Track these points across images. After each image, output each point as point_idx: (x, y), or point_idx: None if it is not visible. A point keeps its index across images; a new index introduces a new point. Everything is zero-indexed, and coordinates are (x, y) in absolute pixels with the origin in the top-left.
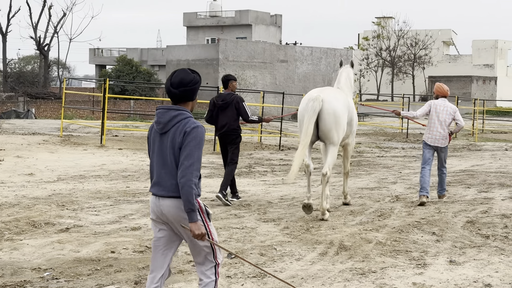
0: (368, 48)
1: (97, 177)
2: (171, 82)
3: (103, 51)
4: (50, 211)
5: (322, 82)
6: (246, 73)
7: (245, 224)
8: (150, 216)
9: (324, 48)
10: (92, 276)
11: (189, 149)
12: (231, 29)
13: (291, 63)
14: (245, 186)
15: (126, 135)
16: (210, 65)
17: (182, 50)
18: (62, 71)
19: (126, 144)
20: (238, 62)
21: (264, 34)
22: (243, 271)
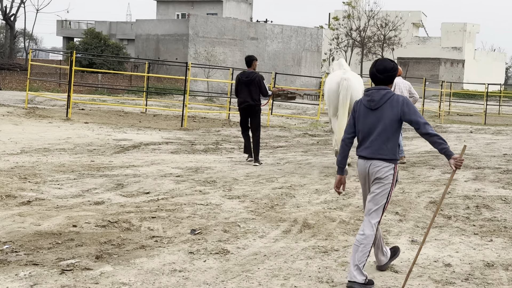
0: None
1: (62, 150)
2: (376, 69)
3: (71, 23)
4: (11, 184)
5: (292, 60)
6: (216, 50)
7: (210, 200)
8: (357, 180)
9: (294, 26)
10: (52, 249)
11: (413, 111)
12: (201, 4)
13: (261, 40)
14: (211, 162)
15: (92, 108)
16: (180, 40)
17: (151, 24)
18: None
19: (92, 118)
20: (208, 38)
21: (235, 10)
22: (205, 247)
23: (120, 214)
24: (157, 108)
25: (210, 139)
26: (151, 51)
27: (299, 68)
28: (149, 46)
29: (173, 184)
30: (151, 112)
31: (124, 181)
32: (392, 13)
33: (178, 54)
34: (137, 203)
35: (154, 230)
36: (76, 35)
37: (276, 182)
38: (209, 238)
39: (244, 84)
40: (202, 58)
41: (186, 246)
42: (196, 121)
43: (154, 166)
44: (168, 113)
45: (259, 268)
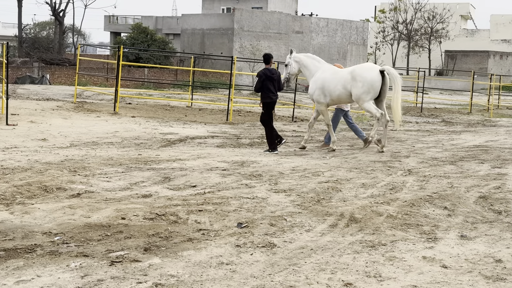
0: (384, 21)
1: (110, 144)
2: None
3: (118, 18)
4: (62, 177)
5: (337, 54)
6: (261, 44)
7: (256, 194)
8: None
9: (340, 19)
10: (102, 241)
11: None
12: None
13: (306, 34)
14: (257, 156)
15: (139, 103)
16: (225, 34)
17: (197, 19)
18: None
19: (139, 112)
20: (253, 32)
21: (280, 4)
22: (252, 240)
23: (168, 207)
24: (203, 102)
25: (256, 133)
26: (196, 46)
27: (344, 61)
28: (195, 41)
29: (220, 178)
30: (196, 106)
31: (171, 175)
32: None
33: (223, 48)
34: (184, 196)
35: (201, 223)
36: (123, 30)
37: (322, 176)
38: (255, 232)
39: (270, 80)
40: (247, 52)
41: (233, 239)
42: (242, 115)
43: (200, 160)
44: (213, 107)
45: (306, 262)
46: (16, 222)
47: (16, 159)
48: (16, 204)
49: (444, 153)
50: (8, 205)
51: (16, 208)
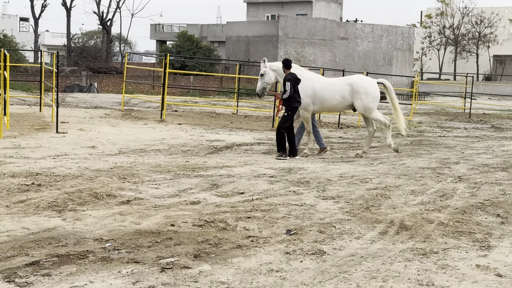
0: (431, 26)
1: (157, 151)
2: None
3: (163, 26)
4: (111, 183)
5: (383, 60)
6: (305, 50)
7: (304, 201)
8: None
9: (385, 25)
10: (152, 248)
11: None
12: (291, 5)
13: (352, 40)
14: (304, 163)
15: (185, 110)
16: (269, 41)
17: (242, 26)
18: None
19: (185, 119)
20: (297, 39)
21: (325, 10)
22: (302, 247)
23: (216, 214)
24: (248, 109)
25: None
26: (241, 53)
27: (390, 67)
28: (240, 48)
29: (267, 185)
30: (242, 113)
31: (219, 181)
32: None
33: (268, 55)
34: (232, 203)
35: (250, 230)
36: (168, 38)
37: (370, 183)
38: (304, 239)
39: (297, 84)
40: (292, 58)
41: (282, 246)
42: None
43: (247, 167)
44: (258, 114)
45: (356, 270)
46: (68, 228)
47: (66, 166)
48: (68, 211)
49: (495, 160)
50: (60, 212)
51: (68, 214)
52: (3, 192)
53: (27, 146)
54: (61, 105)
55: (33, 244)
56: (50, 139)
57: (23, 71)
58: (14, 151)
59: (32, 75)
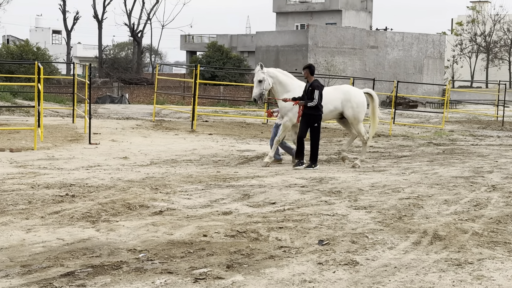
0: (462, 33)
1: (189, 161)
2: None
3: (194, 37)
4: (144, 194)
5: (413, 68)
6: (335, 59)
7: (336, 211)
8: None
9: (415, 33)
10: (185, 258)
11: None
12: (320, 14)
13: (382, 49)
14: (335, 173)
15: (215, 120)
16: (299, 51)
17: (271, 36)
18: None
19: (216, 129)
20: (327, 48)
21: (354, 19)
22: (334, 258)
23: (248, 224)
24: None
25: (332, 149)
26: (271, 62)
27: (421, 75)
28: (269, 58)
29: (299, 195)
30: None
31: (250, 192)
32: None
33: (297, 65)
34: (264, 213)
35: (282, 240)
36: (198, 49)
37: (402, 193)
38: (337, 249)
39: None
40: (321, 68)
41: (314, 257)
42: None
43: (278, 177)
44: None
45: (390, 280)
46: (102, 239)
47: (99, 177)
48: (101, 222)
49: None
50: (94, 223)
51: (101, 225)
52: (38, 203)
53: (61, 157)
54: (93, 116)
55: (68, 255)
56: (83, 150)
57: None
58: (48, 162)
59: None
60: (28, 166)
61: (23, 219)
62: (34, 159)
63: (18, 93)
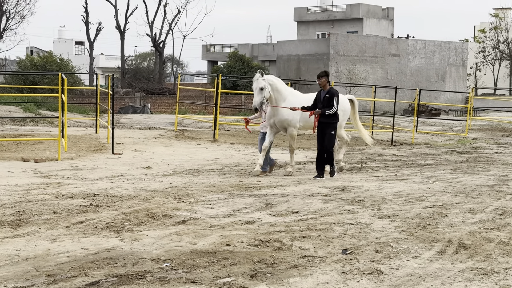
0: (484, 40)
1: (211, 171)
2: None
3: (215, 47)
4: (167, 204)
5: (436, 76)
6: (357, 68)
7: (359, 220)
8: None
9: (437, 41)
10: (209, 268)
11: None
12: (341, 23)
13: (403, 57)
14: (358, 181)
15: (237, 129)
16: (320, 60)
17: (292, 45)
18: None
19: (238, 138)
20: (348, 57)
21: (376, 27)
22: (358, 267)
23: (271, 234)
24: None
25: (355, 158)
26: (292, 71)
27: (443, 83)
28: (290, 67)
29: (321, 204)
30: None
31: (273, 201)
32: None
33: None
34: (287, 222)
35: (306, 250)
36: (220, 59)
37: (426, 201)
38: (361, 258)
39: None
40: (343, 76)
41: (338, 266)
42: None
43: (301, 186)
44: (311, 132)
45: None
46: (126, 248)
47: (123, 187)
48: (125, 231)
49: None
50: (118, 232)
51: (125, 235)
52: (62, 213)
53: (84, 168)
54: (116, 126)
55: (93, 265)
56: (106, 160)
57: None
58: (72, 173)
59: (87, 97)
60: (52, 176)
61: (48, 229)
62: (58, 169)
63: (42, 104)
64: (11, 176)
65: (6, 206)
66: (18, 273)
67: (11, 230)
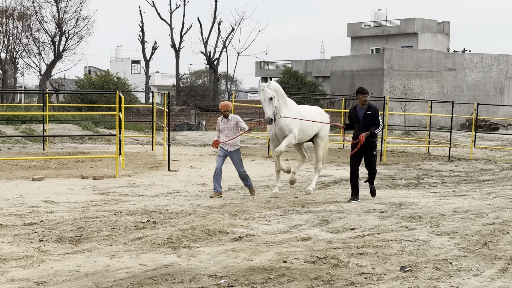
0: None
1: (266, 187)
2: None
3: (268, 63)
4: (223, 220)
5: (494, 90)
6: (412, 83)
7: (417, 236)
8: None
9: (495, 54)
10: (265, 285)
11: None
12: (396, 38)
13: (460, 71)
14: (415, 197)
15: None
16: (374, 75)
17: (346, 61)
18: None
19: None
20: (403, 72)
21: (431, 42)
22: (417, 285)
23: (328, 250)
24: None
25: (411, 174)
26: (346, 87)
27: (501, 97)
28: (344, 82)
29: (378, 220)
30: (348, 147)
31: (329, 217)
32: None
33: (373, 89)
34: (343, 239)
35: (363, 267)
36: (273, 75)
37: (486, 218)
38: (420, 276)
39: None
40: (398, 91)
41: (396, 284)
42: (395, 156)
43: (356, 202)
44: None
45: None
46: (183, 265)
47: (179, 203)
48: (182, 247)
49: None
50: (175, 248)
51: (182, 251)
52: (120, 230)
53: (141, 184)
54: (171, 143)
55: (151, 281)
56: (163, 177)
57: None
58: (129, 189)
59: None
60: (111, 193)
61: (107, 245)
62: (116, 186)
63: (99, 122)
64: (70, 193)
65: (67, 222)
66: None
67: (72, 246)
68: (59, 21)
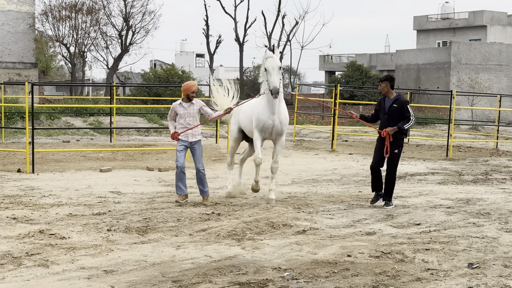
0: None
1: (329, 181)
2: None
3: (332, 57)
4: (287, 213)
5: None
6: (480, 76)
7: (486, 233)
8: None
9: None
10: (329, 278)
11: None
12: (463, 31)
13: None
14: (483, 193)
15: (355, 140)
16: (441, 69)
17: (411, 54)
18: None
19: (356, 149)
20: (471, 65)
21: (500, 35)
22: (486, 282)
23: (393, 245)
24: (420, 138)
25: (478, 169)
26: (411, 81)
27: None
28: (410, 76)
29: (444, 216)
30: (413, 142)
31: (394, 212)
32: None
33: (439, 83)
34: (408, 234)
35: (429, 263)
36: (337, 69)
37: None
38: (488, 273)
39: None
40: (465, 85)
41: (464, 280)
42: (462, 151)
43: (422, 197)
44: (431, 143)
45: None
46: (247, 257)
47: (243, 196)
48: (246, 240)
49: None
50: (239, 241)
51: (246, 243)
52: (186, 221)
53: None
54: None
55: (216, 272)
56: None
57: None
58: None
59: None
60: None
61: (173, 236)
62: None
63: (164, 115)
64: (137, 184)
65: (133, 213)
66: (146, 278)
67: (138, 236)
68: (126, 16)
